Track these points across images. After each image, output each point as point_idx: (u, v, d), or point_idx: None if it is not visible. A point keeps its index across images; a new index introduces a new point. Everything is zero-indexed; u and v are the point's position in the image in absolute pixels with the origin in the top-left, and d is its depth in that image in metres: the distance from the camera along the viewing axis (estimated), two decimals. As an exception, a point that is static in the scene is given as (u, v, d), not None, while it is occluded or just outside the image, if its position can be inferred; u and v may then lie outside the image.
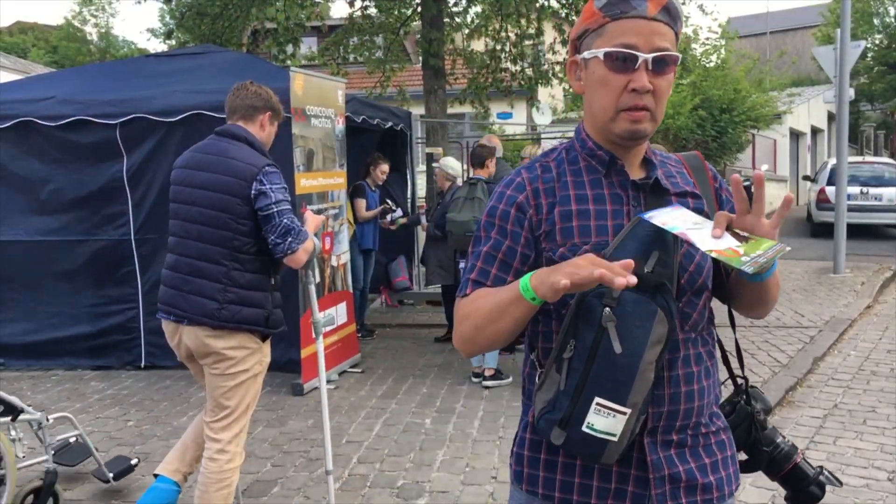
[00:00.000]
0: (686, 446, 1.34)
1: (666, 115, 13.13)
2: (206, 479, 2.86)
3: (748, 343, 6.51)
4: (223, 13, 10.06)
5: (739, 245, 1.19)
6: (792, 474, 1.47)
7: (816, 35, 30.74)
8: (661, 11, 1.27)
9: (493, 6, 10.42)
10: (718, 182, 1.48)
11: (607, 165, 1.36)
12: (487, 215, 1.38)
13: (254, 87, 3.05)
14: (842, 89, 10.35)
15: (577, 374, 1.21)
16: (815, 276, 10.13)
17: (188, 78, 6.12)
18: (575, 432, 1.21)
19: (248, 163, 2.83)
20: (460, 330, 1.34)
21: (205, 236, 2.82)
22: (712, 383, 1.39)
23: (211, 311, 2.78)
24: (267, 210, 2.79)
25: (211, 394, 2.89)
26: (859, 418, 4.69)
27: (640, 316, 1.19)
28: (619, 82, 1.28)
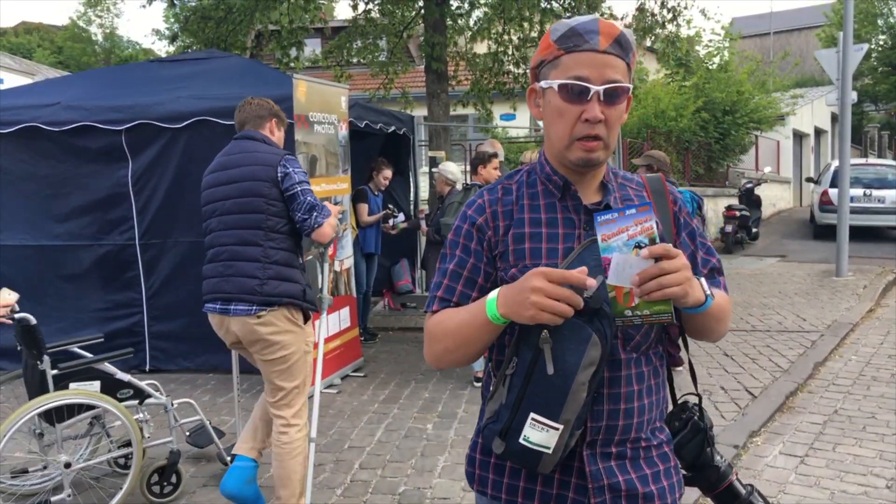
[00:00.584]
0: (626, 458, 1.40)
1: (669, 117, 13.23)
2: (281, 451, 3.15)
3: (749, 348, 6.54)
4: (227, 17, 10.10)
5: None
6: (726, 492, 1.54)
7: (820, 36, 30.70)
8: (612, 45, 1.33)
9: (495, 9, 10.44)
10: (678, 206, 1.52)
11: (562, 190, 1.43)
12: (453, 234, 1.47)
13: (256, 99, 3.40)
14: (844, 92, 10.36)
15: (516, 389, 1.29)
16: (818, 279, 10.13)
17: (193, 83, 6.16)
18: (513, 443, 1.30)
19: (271, 152, 3.18)
20: (432, 350, 1.43)
21: (241, 223, 3.10)
22: (655, 400, 1.44)
23: (252, 287, 3.04)
24: (292, 190, 3.09)
25: (266, 377, 3.17)
26: (859, 424, 4.71)
27: (575, 339, 1.26)
28: (573, 113, 1.35)
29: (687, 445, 1.52)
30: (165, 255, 5.87)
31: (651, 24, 10.23)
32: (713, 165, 15.33)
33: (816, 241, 13.88)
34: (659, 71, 15.88)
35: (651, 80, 16.04)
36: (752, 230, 13.55)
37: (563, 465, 1.35)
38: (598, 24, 1.34)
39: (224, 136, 5.60)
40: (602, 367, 1.29)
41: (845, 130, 10.53)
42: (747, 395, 5.23)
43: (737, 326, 7.40)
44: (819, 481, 3.91)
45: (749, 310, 8.20)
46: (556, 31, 1.37)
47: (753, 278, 10.41)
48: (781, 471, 4.06)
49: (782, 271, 11.00)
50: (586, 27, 1.34)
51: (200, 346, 5.82)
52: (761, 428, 4.66)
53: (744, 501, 1.53)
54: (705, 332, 1.49)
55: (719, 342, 6.69)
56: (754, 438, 4.52)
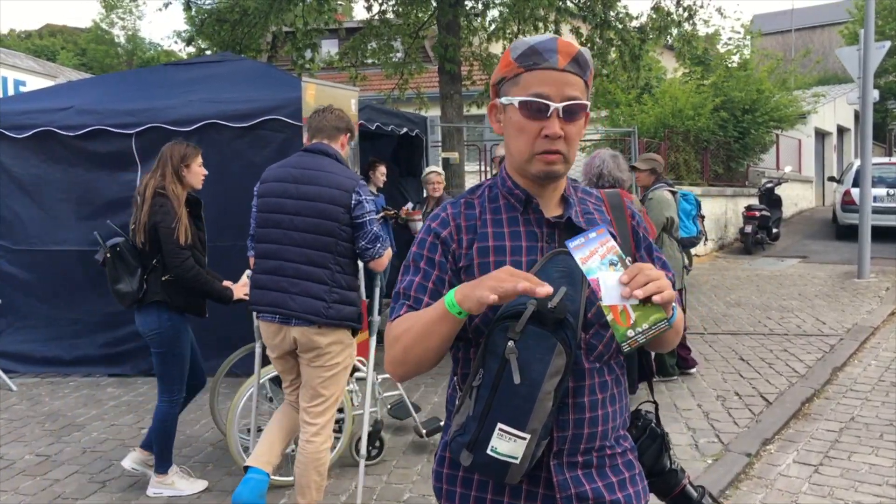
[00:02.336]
0: (592, 466, 1.42)
1: (687, 116, 13.07)
2: (305, 459, 3.21)
3: (766, 352, 6.43)
4: (242, 20, 10.15)
5: (636, 308, 1.25)
6: (681, 496, 1.60)
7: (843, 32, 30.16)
8: (570, 63, 1.38)
9: (511, 9, 10.39)
10: (636, 220, 1.56)
11: (524, 204, 1.45)
12: (417, 247, 1.48)
13: (336, 110, 3.41)
14: (865, 91, 10.18)
15: (483, 400, 1.30)
16: (839, 281, 9.96)
17: (204, 87, 6.19)
18: (480, 455, 1.31)
19: (347, 176, 3.19)
20: (391, 353, 1.42)
21: (311, 243, 3.13)
22: (619, 408, 1.47)
23: (318, 308, 3.11)
24: (361, 218, 3.15)
25: (309, 383, 3.24)
26: (876, 432, 4.60)
27: (540, 349, 1.27)
28: (534, 129, 1.38)
29: (647, 451, 1.57)
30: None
31: (667, 23, 10.12)
32: (732, 165, 15.12)
33: (839, 242, 13.66)
34: (677, 70, 15.70)
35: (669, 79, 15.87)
36: (772, 230, 13.36)
37: (531, 475, 1.36)
38: (557, 44, 1.39)
39: (234, 139, 5.67)
40: (567, 376, 1.31)
41: (866, 129, 10.34)
42: (762, 402, 5.14)
43: (754, 330, 7.29)
44: (833, 491, 3.82)
45: (767, 312, 8.07)
46: (517, 50, 1.41)
47: (773, 280, 10.26)
48: (794, 480, 3.97)
49: (803, 273, 10.83)
50: (545, 46, 1.38)
51: (207, 349, 5.81)
52: (775, 435, 4.57)
53: (697, 503, 1.59)
54: (663, 344, 1.52)
55: (736, 346, 6.65)
56: (767, 446, 4.43)
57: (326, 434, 3.26)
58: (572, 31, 10.63)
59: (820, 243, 13.84)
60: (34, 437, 4.74)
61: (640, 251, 1.54)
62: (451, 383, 1.52)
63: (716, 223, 13.42)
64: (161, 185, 3.65)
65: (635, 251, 1.53)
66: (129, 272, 3.68)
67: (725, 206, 13.88)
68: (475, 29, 11.25)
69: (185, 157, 3.74)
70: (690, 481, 1.62)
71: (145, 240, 3.64)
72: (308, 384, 3.26)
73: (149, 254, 3.68)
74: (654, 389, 5.53)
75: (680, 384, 5.56)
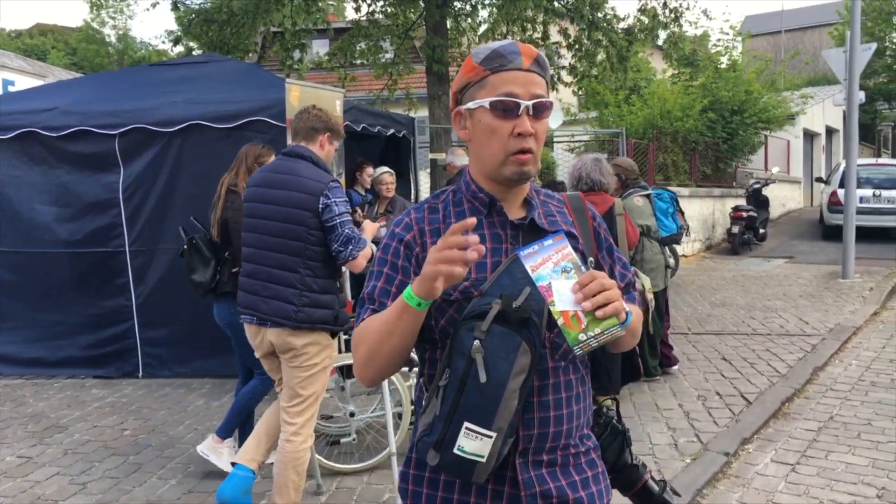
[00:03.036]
0: (557, 465, 1.44)
1: (675, 117, 13.11)
2: (284, 458, 3.22)
3: (749, 352, 6.48)
4: (230, 20, 10.14)
5: (588, 313, 1.28)
6: (642, 491, 1.63)
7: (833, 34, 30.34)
8: (533, 63, 1.43)
9: (500, 10, 10.42)
10: (597, 221, 1.60)
11: (488, 206, 1.47)
12: (382, 252, 1.50)
13: (315, 110, 3.40)
14: (851, 92, 10.25)
15: (450, 400, 1.32)
16: (824, 281, 10.03)
17: (189, 88, 6.19)
18: (447, 454, 1.32)
19: (316, 179, 3.18)
20: (357, 356, 1.44)
21: (280, 247, 3.18)
22: (583, 407, 1.50)
23: (288, 312, 3.15)
24: (331, 221, 3.15)
25: (288, 383, 3.27)
26: (854, 431, 4.65)
27: (505, 348, 1.30)
28: (506, 128, 1.41)
29: (608, 448, 1.60)
30: (156, 262, 5.87)
31: (654, 25, 10.17)
32: (721, 166, 15.19)
33: (825, 242, 13.75)
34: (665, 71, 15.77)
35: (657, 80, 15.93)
36: (759, 231, 13.44)
37: (497, 474, 1.38)
38: (519, 46, 1.43)
39: (217, 140, 5.67)
40: (532, 375, 1.33)
41: (852, 130, 10.42)
42: (742, 401, 5.18)
43: (738, 330, 7.34)
44: (808, 490, 3.86)
45: (752, 313, 8.13)
46: (479, 55, 1.44)
47: (759, 280, 10.32)
48: (771, 479, 4.01)
49: (788, 273, 10.90)
50: (508, 49, 1.43)
51: (193, 351, 5.84)
52: (754, 435, 4.61)
53: (658, 498, 1.62)
54: (620, 345, 1.54)
55: (719, 346, 6.69)
56: (746, 446, 4.47)
57: (306, 434, 3.27)
58: (560, 32, 10.66)
59: (807, 244, 13.93)
60: (16, 439, 4.74)
61: (601, 252, 1.57)
62: (418, 385, 1.54)
63: (703, 224, 13.49)
64: (234, 182, 3.96)
65: (597, 252, 1.56)
66: (203, 263, 3.96)
67: (713, 207, 13.95)
68: (463, 30, 11.28)
69: (259, 156, 3.97)
70: (652, 476, 1.65)
71: (218, 234, 3.95)
72: (287, 384, 3.29)
73: (222, 247, 3.97)
74: (637, 389, 5.55)
75: (662, 384, 5.59)
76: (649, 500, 1.62)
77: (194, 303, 5.70)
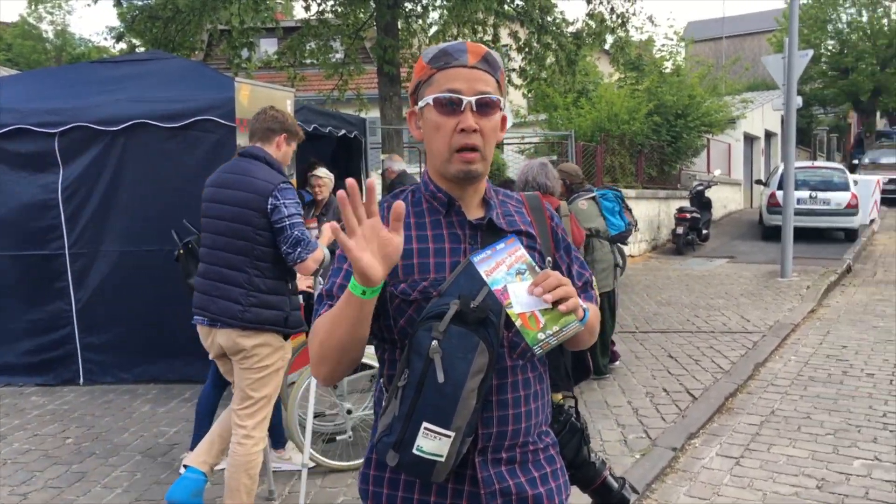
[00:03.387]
0: (516, 462, 1.46)
1: (622, 120, 13.37)
2: (235, 461, 3.21)
3: (693, 349, 6.65)
4: (175, 17, 9.92)
5: (545, 312, 1.30)
6: (602, 487, 1.65)
7: (771, 41, 31.45)
8: (480, 61, 1.43)
9: (450, 12, 10.46)
10: (555, 221, 1.61)
11: (446, 206, 1.48)
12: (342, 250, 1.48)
13: (272, 111, 3.39)
14: (789, 97, 10.61)
15: (409, 400, 1.32)
16: (764, 281, 10.36)
17: (133, 85, 6.02)
18: (406, 455, 1.32)
19: (266, 180, 3.18)
20: (311, 352, 1.42)
21: (230, 247, 3.19)
22: (541, 405, 1.52)
23: (234, 312, 3.14)
24: (280, 223, 3.14)
25: (239, 385, 3.26)
26: (794, 425, 4.82)
27: (463, 348, 1.31)
28: (450, 125, 1.41)
29: (567, 445, 1.62)
30: (97, 265, 5.69)
31: (601, 30, 10.35)
32: (666, 168, 15.57)
33: (765, 242, 14.21)
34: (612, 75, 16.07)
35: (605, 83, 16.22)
36: (702, 232, 13.80)
37: (456, 473, 1.40)
38: (467, 45, 1.45)
39: (164, 140, 5.55)
40: (490, 374, 1.34)
41: (790, 134, 10.79)
42: (688, 397, 5.32)
43: (683, 328, 7.53)
44: (752, 482, 3.99)
45: (696, 311, 8.35)
46: (428, 54, 1.46)
47: (702, 279, 10.60)
48: (717, 472, 4.13)
49: (730, 272, 11.23)
50: (455, 47, 1.44)
51: (137, 356, 5.69)
52: (699, 430, 4.74)
53: (617, 494, 1.65)
54: (578, 343, 1.56)
55: (666, 344, 6.85)
56: (692, 440, 4.59)
57: (258, 437, 3.24)
58: (510, 34, 10.76)
59: (747, 244, 14.37)
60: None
61: (559, 251, 1.59)
62: (377, 386, 1.54)
63: (649, 224, 13.79)
64: None
65: (554, 251, 1.58)
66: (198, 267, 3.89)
67: (658, 209, 14.27)
68: (415, 31, 11.28)
69: None
70: (612, 473, 1.68)
71: None
72: (238, 386, 3.27)
73: None
74: (588, 388, 5.69)
75: (612, 382, 5.70)
76: (608, 496, 1.64)
77: (138, 306, 5.60)
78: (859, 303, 8.86)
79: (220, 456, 3.46)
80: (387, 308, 1.43)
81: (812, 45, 28.00)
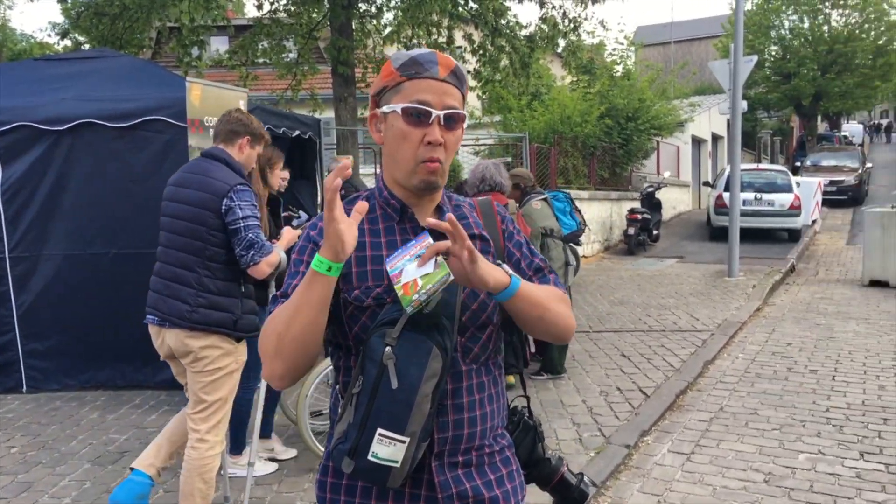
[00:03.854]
0: (472, 466, 1.47)
1: (575, 123, 13.56)
2: (189, 465, 3.18)
3: (645, 348, 6.79)
4: (123, 14, 9.67)
5: (424, 277, 1.31)
6: (560, 484, 1.67)
7: (717, 46, 32.26)
8: (449, 74, 1.44)
9: (405, 13, 10.45)
10: (505, 224, 1.64)
11: (400, 213, 1.49)
12: (297, 253, 1.49)
13: (237, 113, 3.40)
14: (735, 101, 10.92)
15: (363, 407, 1.33)
16: (712, 280, 10.64)
17: (80, 84, 5.86)
18: (361, 461, 1.33)
19: (222, 180, 3.16)
20: (265, 350, 1.37)
21: (183, 247, 3.17)
22: (496, 408, 1.53)
23: (182, 312, 3.12)
24: (234, 224, 3.12)
25: (191, 388, 3.23)
26: (742, 421, 4.96)
27: (416, 353, 1.32)
28: (416, 136, 1.42)
29: (521, 444, 1.63)
30: (40, 269, 5.49)
31: (554, 33, 10.48)
32: (617, 170, 15.84)
33: (712, 243, 14.57)
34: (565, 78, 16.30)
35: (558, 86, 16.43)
36: (653, 232, 14.09)
37: (413, 478, 1.40)
38: (436, 56, 1.44)
39: (112, 140, 5.42)
40: (444, 379, 1.35)
41: (736, 137, 11.10)
42: (641, 395, 5.43)
43: (635, 327, 7.68)
44: (703, 478, 4.09)
45: (647, 310, 8.52)
46: (398, 60, 1.45)
47: (653, 279, 10.82)
48: (669, 468, 4.23)
49: (680, 272, 11.49)
50: (426, 58, 1.44)
51: (84, 362, 5.53)
52: (652, 427, 4.84)
53: (575, 489, 1.67)
54: (532, 324, 1.49)
55: (619, 343, 6.96)
56: (645, 437, 4.69)
57: (212, 441, 3.20)
58: (465, 37, 10.81)
59: (696, 244, 14.73)
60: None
61: (509, 242, 1.60)
62: (333, 393, 1.54)
63: (602, 225, 14.02)
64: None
65: (504, 244, 1.59)
66: None
67: (611, 210, 14.52)
68: (369, 32, 11.23)
69: (271, 159, 4.05)
70: (569, 469, 1.70)
71: None
72: (191, 389, 3.24)
73: None
74: (542, 387, 5.77)
75: (566, 381, 5.78)
76: (567, 492, 1.66)
77: (84, 311, 5.44)
78: (803, 301, 9.17)
79: (168, 461, 3.42)
80: (340, 315, 1.43)
81: (756, 50, 28.84)
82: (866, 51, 31.12)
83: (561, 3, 10.60)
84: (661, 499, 3.86)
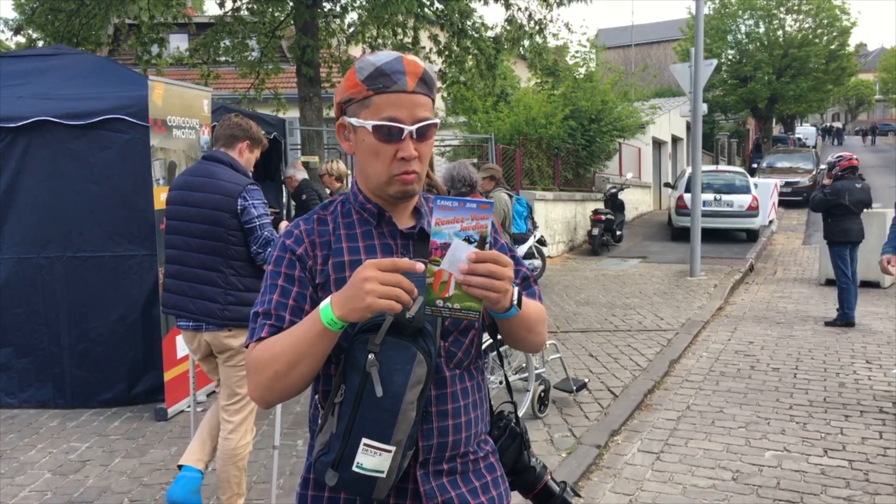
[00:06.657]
0: (457, 473, 1.45)
1: (539, 124, 13.65)
2: (224, 455, 3.37)
3: (612, 348, 6.85)
4: (80, 9, 9.42)
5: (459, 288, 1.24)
6: (543, 491, 1.65)
7: (676, 49, 32.85)
8: (418, 84, 1.38)
9: (370, 13, 10.38)
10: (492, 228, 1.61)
11: (377, 217, 1.46)
12: (273, 265, 1.45)
13: (236, 118, 3.52)
14: (696, 104, 11.11)
15: (347, 417, 1.30)
16: (675, 279, 10.80)
17: (36, 82, 5.67)
18: (346, 473, 1.30)
19: (233, 182, 3.30)
20: (257, 379, 1.34)
21: (204, 248, 3.30)
22: (480, 413, 1.51)
23: (213, 311, 3.26)
24: (250, 223, 3.26)
25: (226, 383, 3.40)
26: (709, 419, 5.04)
27: (400, 360, 1.29)
28: (389, 152, 1.39)
29: (507, 451, 1.61)
30: (-3, 276, 5.29)
31: (520, 35, 10.53)
32: (581, 171, 15.99)
33: (674, 243, 14.81)
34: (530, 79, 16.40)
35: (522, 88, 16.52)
36: (616, 233, 14.26)
37: (398, 488, 1.38)
38: (404, 64, 1.37)
39: (70, 140, 5.26)
40: (428, 385, 1.33)
41: (697, 139, 11.29)
42: (610, 395, 5.47)
43: (601, 327, 7.75)
44: (673, 476, 4.14)
45: (613, 310, 8.61)
46: (363, 71, 1.38)
47: (618, 279, 10.94)
48: (639, 468, 4.27)
49: (643, 272, 11.64)
50: (393, 67, 1.37)
51: (27, 378, 5.29)
52: (621, 427, 4.89)
53: (558, 498, 1.65)
54: (518, 340, 1.50)
55: (586, 343, 7.01)
56: (615, 437, 4.73)
57: (244, 430, 3.40)
58: (430, 37, 10.78)
59: (658, 244, 14.94)
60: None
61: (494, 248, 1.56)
62: (312, 402, 1.50)
63: (567, 226, 14.13)
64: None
65: None
66: None
67: (575, 211, 14.64)
68: (333, 31, 11.14)
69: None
70: (553, 477, 1.69)
71: None
72: (224, 383, 3.41)
73: None
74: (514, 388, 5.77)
75: (536, 382, 5.80)
76: (550, 500, 1.65)
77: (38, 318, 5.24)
78: (762, 300, 9.36)
79: (213, 453, 3.55)
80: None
81: (714, 54, 29.43)
82: (819, 55, 32.02)
83: (526, 5, 10.67)
84: (633, 498, 3.89)
